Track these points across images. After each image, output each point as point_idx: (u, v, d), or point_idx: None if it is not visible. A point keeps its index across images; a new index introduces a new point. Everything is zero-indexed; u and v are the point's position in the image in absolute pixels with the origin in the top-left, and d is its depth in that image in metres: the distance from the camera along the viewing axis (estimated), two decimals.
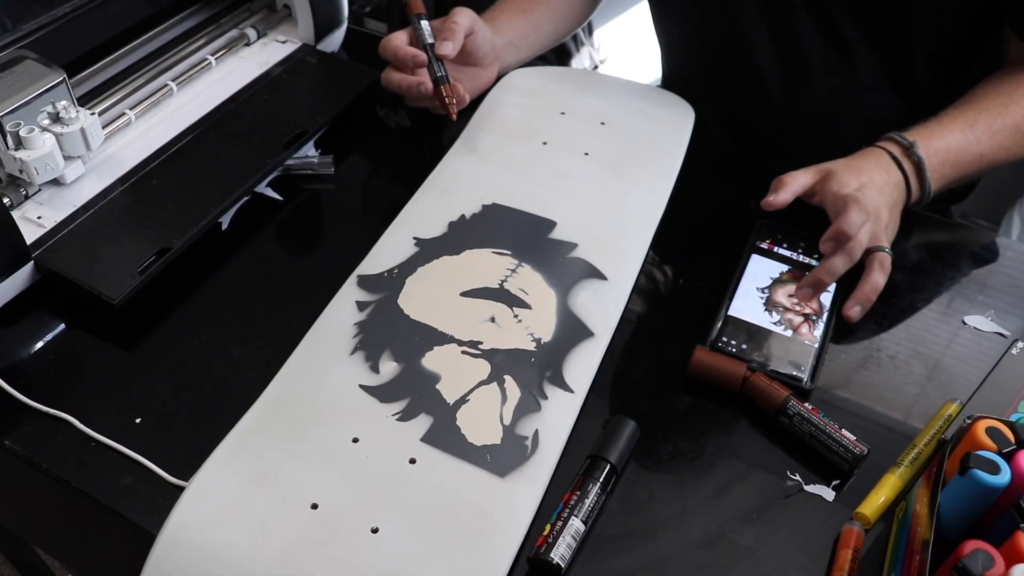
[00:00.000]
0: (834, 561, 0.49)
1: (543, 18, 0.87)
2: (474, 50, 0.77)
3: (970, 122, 0.71)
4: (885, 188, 0.67)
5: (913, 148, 0.69)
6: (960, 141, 0.70)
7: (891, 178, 0.68)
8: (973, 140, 0.71)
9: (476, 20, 0.76)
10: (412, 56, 0.73)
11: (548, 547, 0.48)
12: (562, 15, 0.89)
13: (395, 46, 0.74)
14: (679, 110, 0.81)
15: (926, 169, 0.69)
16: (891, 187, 0.67)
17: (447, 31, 0.74)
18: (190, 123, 0.73)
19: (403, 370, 0.57)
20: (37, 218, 0.64)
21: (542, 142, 0.76)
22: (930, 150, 0.69)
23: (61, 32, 0.68)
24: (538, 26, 0.86)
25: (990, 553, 0.40)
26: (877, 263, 0.64)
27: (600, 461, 0.52)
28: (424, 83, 0.73)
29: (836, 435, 0.54)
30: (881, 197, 0.66)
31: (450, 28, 0.74)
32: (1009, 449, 0.45)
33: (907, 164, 0.69)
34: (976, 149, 0.70)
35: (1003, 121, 0.71)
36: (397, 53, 0.74)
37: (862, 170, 0.67)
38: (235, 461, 0.51)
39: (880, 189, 0.66)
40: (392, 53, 0.74)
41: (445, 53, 0.73)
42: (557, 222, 0.68)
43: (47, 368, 0.58)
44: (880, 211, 0.65)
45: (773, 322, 0.62)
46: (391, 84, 0.75)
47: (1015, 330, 0.65)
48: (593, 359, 0.59)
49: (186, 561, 0.47)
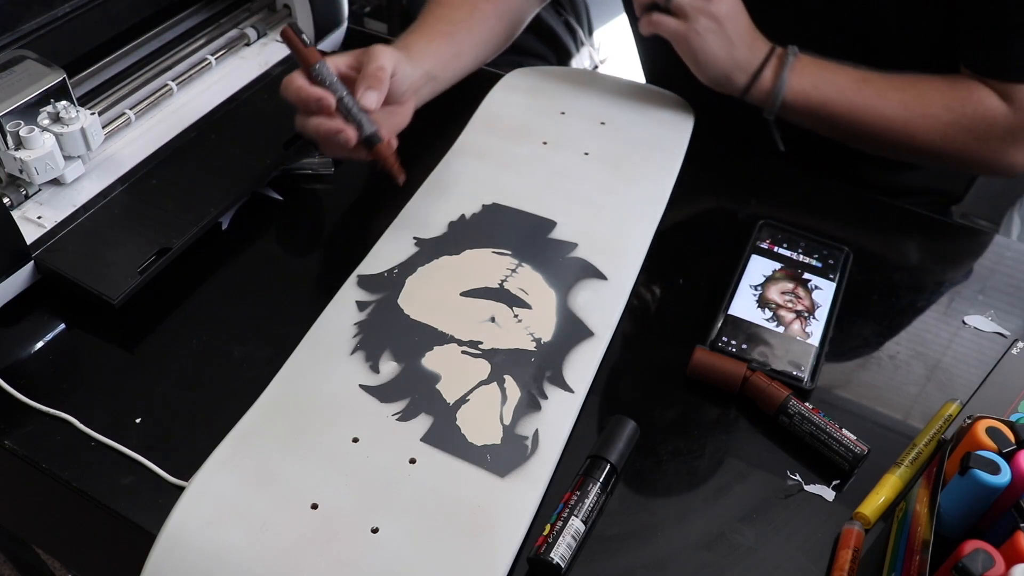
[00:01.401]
0: (834, 561, 0.49)
1: (465, 43, 0.77)
2: (392, 90, 0.66)
3: (865, 78, 0.73)
4: (739, 40, 0.71)
5: (789, 52, 0.72)
6: (841, 81, 0.73)
7: (753, 42, 0.72)
8: (853, 89, 0.73)
9: (397, 59, 0.66)
10: (317, 99, 0.62)
11: (548, 547, 0.48)
12: (485, 40, 0.80)
13: (297, 87, 0.63)
14: (679, 110, 0.81)
15: (786, 70, 0.72)
16: (744, 38, 0.72)
17: (373, 79, 0.63)
18: (190, 123, 0.73)
19: (403, 370, 0.57)
20: (37, 218, 0.64)
21: (542, 142, 0.76)
22: (805, 66, 0.72)
23: (61, 32, 0.68)
24: (460, 53, 0.76)
25: (990, 553, 0.40)
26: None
27: (600, 461, 0.52)
28: (344, 132, 0.62)
29: (836, 435, 0.54)
30: (727, 33, 0.71)
31: (376, 76, 0.63)
32: (1009, 449, 0.45)
33: (774, 59, 0.72)
34: (851, 98, 0.72)
35: (894, 94, 0.72)
36: (300, 95, 0.63)
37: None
38: (235, 461, 0.51)
39: (734, 35, 0.71)
40: (294, 95, 0.63)
41: (369, 105, 0.63)
42: (557, 222, 0.68)
43: (47, 368, 0.58)
44: (722, 21, 0.70)
45: (766, 319, 0.62)
46: (306, 130, 0.64)
47: (1015, 330, 0.65)
48: (593, 359, 0.59)
49: (186, 561, 0.47)
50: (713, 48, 0.72)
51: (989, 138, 0.72)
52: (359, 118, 0.63)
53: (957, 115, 0.72)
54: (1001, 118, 0.71)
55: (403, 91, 0.68)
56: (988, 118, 0.71)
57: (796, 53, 0.73)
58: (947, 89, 0.72)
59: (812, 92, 0.73)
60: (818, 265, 0.66)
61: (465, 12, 0.78)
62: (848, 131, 0.74)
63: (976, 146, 0.73)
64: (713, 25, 0.71)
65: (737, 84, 0.73)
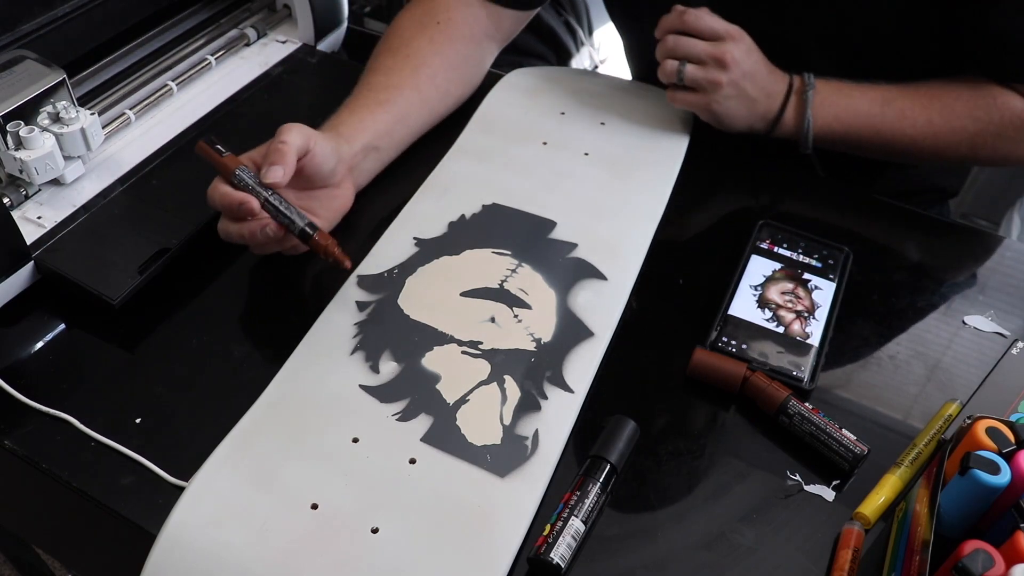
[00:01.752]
0: (834, 561, 0.49)
1: (412, 105, 0.71)
2: (314, 171, 0.62)
3: (887, 99, 0.72)
4: (759, 93, 0.71)
5: (807, 85, 0.72)
6: (864, 107, 0.72)
7: (771, 88, 0.72)
8: (877, 113, 0.72)
9: (310, 135, 0.61)
10: (239, 203, 0.58)
11: (548, 547, 0.48)
12: (439, 95, 0.73)
13: (220, 193, 0.59)
14: (679, 110, 0.81)
15: (808, 108, 0.71)
16: (763, 90, 0.71)
17: (274, 154, 0.59)
18: (190, 123, 0.74)
19: (403, 370, 0.57)
20: (37, 218, 0.64)
21: (542, 142, 0.76)
22: (825, 97, 0.72)
23: (61, 32, 0.69)
24: (405, 116, 0.70)
25: (990, 553, 0.40)
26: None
27: (600, 461, 0.52)
28: (267, 224, 0.58)
29: (836, 435, 0.54)
30: (747, 93, 0.71)
31: (277, 150, 0.59)
32: (1009, 449, 0.45)
33: (794, 97, 0.72)
34: (875, 123, 0.72)
35: (918, 112, 0.72)
36: (224, 201, 0.58)
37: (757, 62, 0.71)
38: (235, 461, 0.51)
39: (754, 91, 0.71)
40: (219, 202, 0.59)
41: (275, 180, 0.58)
42: (557, 222, 0.68)
43: (47, 368, 0.58)
44: (740, 84, 0.70)
45: (766, 319, 0.62)
46: (231, 236, 0.60)
47: (1015, 330, 0.65)
48: (593, 359, 0.59)
49: (186, 561, 0.47)
50: (734, 112, 0.72)
51: (1020, 139, 0.72)
52: (288, 213, 0.59)
53: (984, 124, 0.72)
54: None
55: (329, 170, 0.63)
56: (1016, 121, 0.72)
57: (813, 85, 0.72)
58: (970, 98, 0.72)
59: (835, 124, 0.73)
60: (818, 265, 0.66)
61: (405, 74, 0.72)
62: (879, 152, 0.75)
63: (1009, 148, 0.73)
64: (732, 92, 0.71)
65: (761, 131, 0.74)
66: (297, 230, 0.59)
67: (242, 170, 0.59)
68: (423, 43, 0.72)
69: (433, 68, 0.72)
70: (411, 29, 0.74)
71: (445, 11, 0.75)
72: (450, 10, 0.75)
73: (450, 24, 0.74)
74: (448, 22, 0.74)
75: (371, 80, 0.71)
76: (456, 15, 0.75)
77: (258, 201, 0.58)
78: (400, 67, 0.71)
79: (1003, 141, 0.73)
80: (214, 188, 0.59)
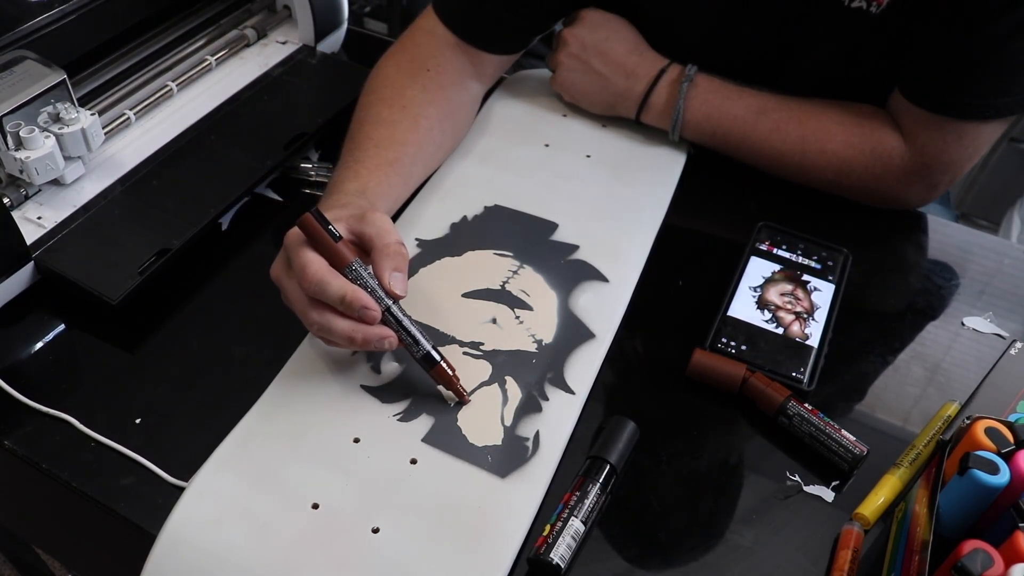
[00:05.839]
0: (833, 561, 0.50)
1: (416, 162, 0.68)
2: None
3: (764, 108, 0.72)
4: (610, 70, 0.74)
5: (684, 76, 0.73)
6: (738, 112, 0.73)
7: (633, 68, 0.74)
8: (750, 121, 0.72)
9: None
10: (362, 307, 0.52)
11: (548, 547, 0.48)
12: (430, 155, 0.70)
13: (339, 286, 0.52)
14: None
15: (681, 99, 0.73)
16: (619, 68, 0.74)
17: (397, 258, 0.54)
18: (190, 124, 0.74)
19: (404, 370, 0.57)
20: (37, 218, 0.64)
21: (544, 144, 0.76)
22: (700, 93, 0.73)
23: (61, 32, 0.68)
24: (408, 178, 0.67)
25: (989, 553, 0.40)
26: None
27: (600, 462, 0.52)
28: (388, 337, 0.53)
29: (836, 435, 0.54)
30: (593, 67, 0.74)
31: (400, 254, 0.54)
32: (1008, 449, 0.45)
33: (664, 85, 0.73)
34: (747, 131, 0.73)
35: (793, 128, 0.72)
36: (349, 297, 0.52)
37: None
38: (235, 461, 0.51)
39: (602, 66, 0.74)
40: (335, 294, 0.52)
41: (400, 293, 0.53)
42: (559, 224, 0.68)
43: (47, 368, 0.58)
44: (581, 58, 0.75)
45: (765, 320, 0.62)
46: (330, 329, 0.53)
47: (1014, 331, 0.65)
48: (594, 361, 0.59)
49: (186, 561, 0.47)
50: (583, 87, 0.76)
51: (885, 176, 0.71)
52: (411, 331, 0.53)
53: (856, 152, 0.71)
54: (898, 158, 0.70)
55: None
56: (885, 157, 0.70)
57: (691, 78, 0.73)
58: (850, 125, 0.71)
59: (705, 122, 0.73)
60: (817, 267, 0.66)
61: (406, 127, 0.68)
62: (748, 160, 0.75)
63: (873, 184, 0.72)
64: (575, 65, 0.76)
65: (626, 113, 0.76)
66: (420, 354, 0.54)
67: (358, 264, 0.53)
68: (417, 92, 0.71)
69: (431, 120, 0.70)
70: (402, 78, 0.72)
71: (432, 58, 0.74)
72: (436, 57, 0.74)
73: (440, 72, 0.73)
74: (437, 69, 0.73)
75: (373, 134, 0.67)
76: (443, 61, 0.74)
77: (380, 310, 0.52)
78: (399, 119, 0.69)
79: (869, 175, 0.71)
80: (320, 273, 0.52)
